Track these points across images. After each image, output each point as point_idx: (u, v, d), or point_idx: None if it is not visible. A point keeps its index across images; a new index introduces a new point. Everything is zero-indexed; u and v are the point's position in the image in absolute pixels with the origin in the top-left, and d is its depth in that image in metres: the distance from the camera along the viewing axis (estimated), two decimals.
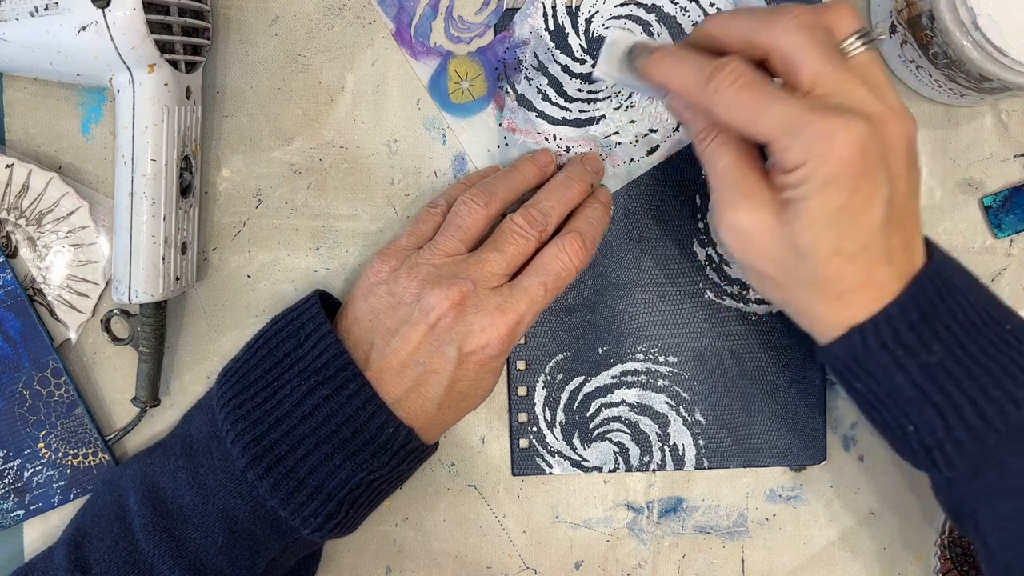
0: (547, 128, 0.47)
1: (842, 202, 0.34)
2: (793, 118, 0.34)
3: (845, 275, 0.36)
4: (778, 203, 0.36)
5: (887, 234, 0.35)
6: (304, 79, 0.48)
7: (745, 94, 0.35)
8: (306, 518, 0.40)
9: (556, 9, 0.46)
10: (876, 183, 0.34)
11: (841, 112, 0.34)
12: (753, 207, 0.37)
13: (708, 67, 0.36)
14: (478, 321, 0.40)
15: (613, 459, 0.49)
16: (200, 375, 0.49)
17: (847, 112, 0.34)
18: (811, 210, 0.35)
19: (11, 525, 0.47)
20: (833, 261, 0.35)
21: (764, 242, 0.37)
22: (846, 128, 0.33)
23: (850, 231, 0.35)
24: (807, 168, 0.34)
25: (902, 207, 0.36)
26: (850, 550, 0.49)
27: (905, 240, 0.36)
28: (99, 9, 0.39)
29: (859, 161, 0.34)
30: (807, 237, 0.35)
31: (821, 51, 0.35)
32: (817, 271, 0.36)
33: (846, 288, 0.36)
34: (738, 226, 0.37)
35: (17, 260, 0.47)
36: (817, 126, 0.34)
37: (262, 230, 0.48)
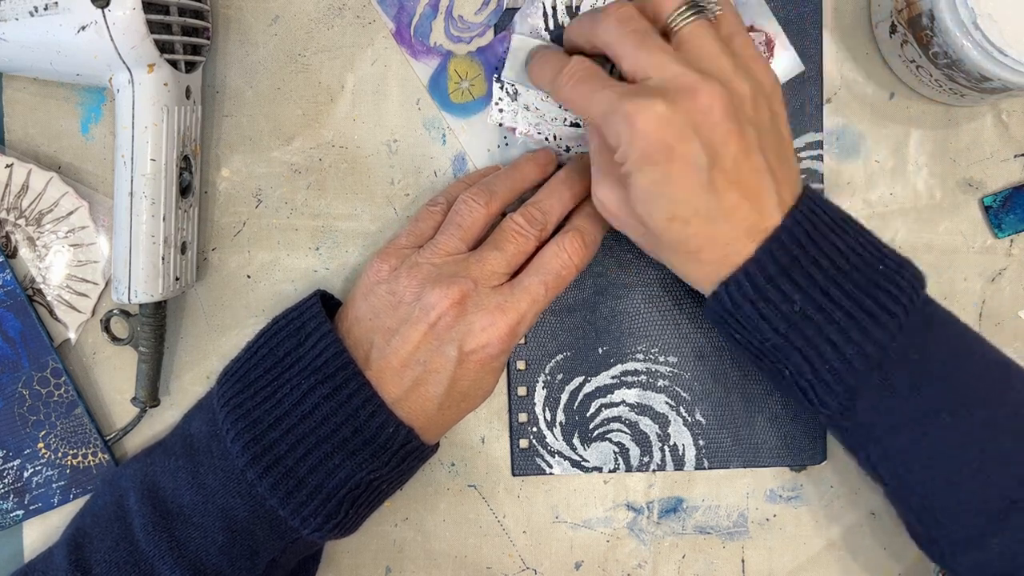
0: (547, 128, 0.47)
1: (657, 175, 0.37)
2: (608, 105, 0.38)
3: (687, 237, 0.38)
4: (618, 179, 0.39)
5: (717, 196, 0.37)
6: (304, 79, 0.48)
7: (579, 86, 0.40)
8: (305, 518, 0.40)
9: (556, 9, 0.46)
10: (688, 152, 0.36)
11: (644, 95, 0.37)
12: (608, 184, 0.40)
13: (557, 67, 0.41)
14: (479, 320, 0.40)
15: (613, 459, 0.49)
16: (200, 375, 0.49)
17: (651, 91, 0.37)
18: (637, 184, 0.38)
19: (11, 525, 0.47)
20: (671, 227, 0.38)
21: (619, 213, 0.40)
22: (643, 109, 0.36)
23: (674, 199, 0.37)
24: (622, 149, 0.37)
25: (734, 167, 0.37)
26: (850, 550, 0.49)
27: (746, 198, 0.38)
28: (99, 9, 0.39)
29: (661, 135, 0.36)
30: (640, 208, 0.38)
31: (634, 39, 0.38)
32: (660, 236, 0.39)
33: (693, 247, 0.39)
34: (600, 200, 0.41)
35: (17, 260, 0.47)
36: (622, 111, 0.37)
37: (262, 230, 0.48)
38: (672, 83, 0.37)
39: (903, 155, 0.48)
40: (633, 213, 0.39)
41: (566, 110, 0.47)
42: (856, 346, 0.38)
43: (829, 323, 0.38)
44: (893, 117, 0.48)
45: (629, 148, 0.37)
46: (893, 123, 0.48)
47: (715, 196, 0.37)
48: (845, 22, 0.48)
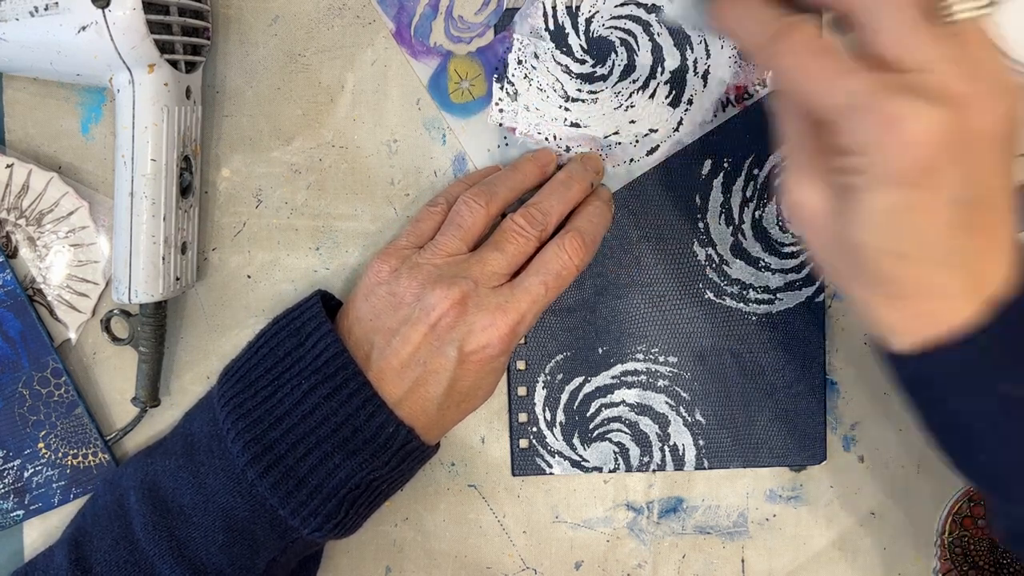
0: (547, 128, 0.47)
1: (901, 200, 0.30)
2: (859, 97, 0.30)
3: (904, 279, 0.32)
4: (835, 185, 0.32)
5: (958, 238, 0.30)
6: (304, 79, 0.48)
7: (810, 64, 0.31)
8: (305, 517, 0.40)
9: (556, 9, 0.46)
10: (946, 180, 0.29)
11: (915, 94, 0.29)
12: (813, 184, 0.33)
13: (775, 25, 0.32)
14: (479, 321, 0.40)
15: (613, 459, 0.49)
16: (200, 375, 0.49)
17: (923, 95, 0.29)
18: (867, 203, 0.31)
19: (11, 525, 0.47)
20: (886, 259, 0.31)
21: (820, 225, 0.33)
22: (916, 115, 0.29)
23: (910, 232, 0.31)
24: (867, 157, 0.30)
25: (987, 208, 0.31)
26: (850, 550, 0.49)
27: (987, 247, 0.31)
28: (99, 9, 0.39)
29: (927, 155, 0.29)
30: (858, 231, 0.31)
31: (907, 18, 0.30)
32: (869, 267, 0.32)
33: (907, 293, 0.32)
34: (796, 199, 0.34)
35: (17, 260, 0.47)
36: (884, 110, 0.29)
37: (262, 230, 0.48)
38: (948, 90, 0.29)
39: None
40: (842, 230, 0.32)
41: (567, 110, 0.47)
42: None
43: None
44: None
45: (879, 158, 0.29)
46: None
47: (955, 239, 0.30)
48: None
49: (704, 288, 0.48)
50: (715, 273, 0.48)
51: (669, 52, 0.46)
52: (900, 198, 0.30)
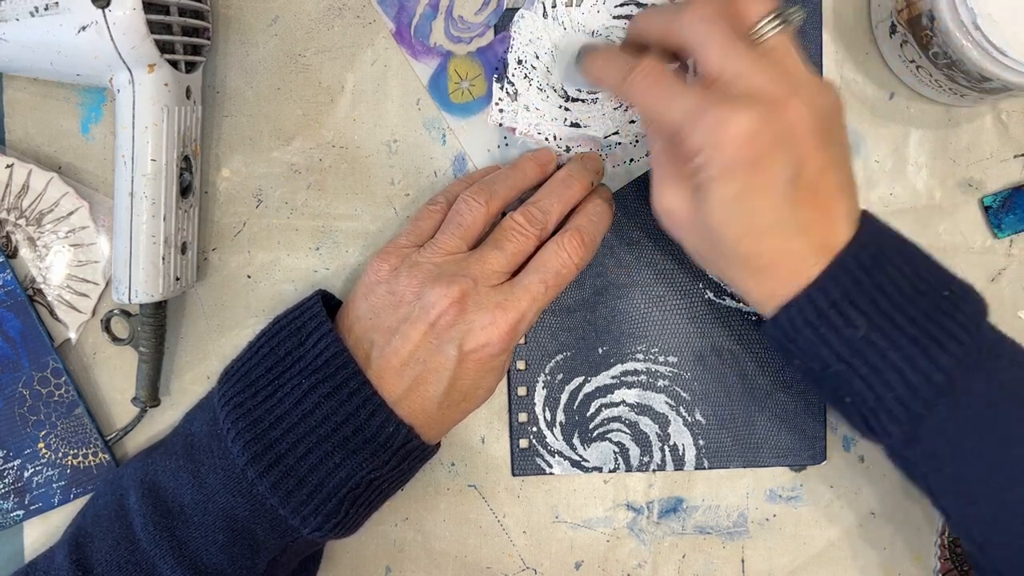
0: (547, 128, 0.47)
1: (740, 185, 0.36)
2: (691, 109, 0.36)
3: (760, 251, 0.37)
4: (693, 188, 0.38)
5: (795, 211, 0.36)
6: (304, 79, 0.48)
7: (653, 89, 0.38)
8: (306, 517, 0.40)
9: (556, 9, 0.46)
10: (775, 164, 0.36)
11: (734, 100, 0.35)
12: (675, 187, 0.39)
13: (627, 65, 0.39)
14: (479, 319, 0.40)
15: (613, 459, 0.49)
16: (200, 375, 0.49)
17: (740, 99, 0.35)
18: (715, 194, 0.37)
19: (11, 525, 0.47)
20: (744, 240, 0.37)
21: (686, 222, 0.39)
22: (734, 115, 0.35)
23: (754, 211, 0.37)
24: (704, 155, 0.36)
25: (813, 183, 0.37)
26: (850, 550, 0.49)
27: (822, 214, 0.37)
28: (99, 9, 0.39)
29: (751, 145, 0.35)
30: (715, 219, 0.37)
31: (721, 41, 0.37)
32: (731, 249, 0.38)
33: (764, 263, 0.38)
34: (663, 207, 0.40)
35: (17, 260, 0.47)
36: (710, 115, 0.35)
37: (262, 230, 0.48)
38: (761, 92, 0.36)
39: (903, 155, 0.48)
40: (703, 223, 0.38)
41: (567, 110, 0.47)
42: (922, 373, 0.36)
43: (894, 349, 0.37)
44: (893, 117, 0.48)
45: (713, 156, 0.36)
46: (893, 123, 0.48)
47: (795, 211, 0.36)
48: (845, 22, 0.48)
49: (704, 288, 0.48)
50: None
51: None
52: (738, 184, 0.36)
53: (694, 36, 0.37)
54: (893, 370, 0.37)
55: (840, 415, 0.41)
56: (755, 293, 0.39)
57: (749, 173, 0.36)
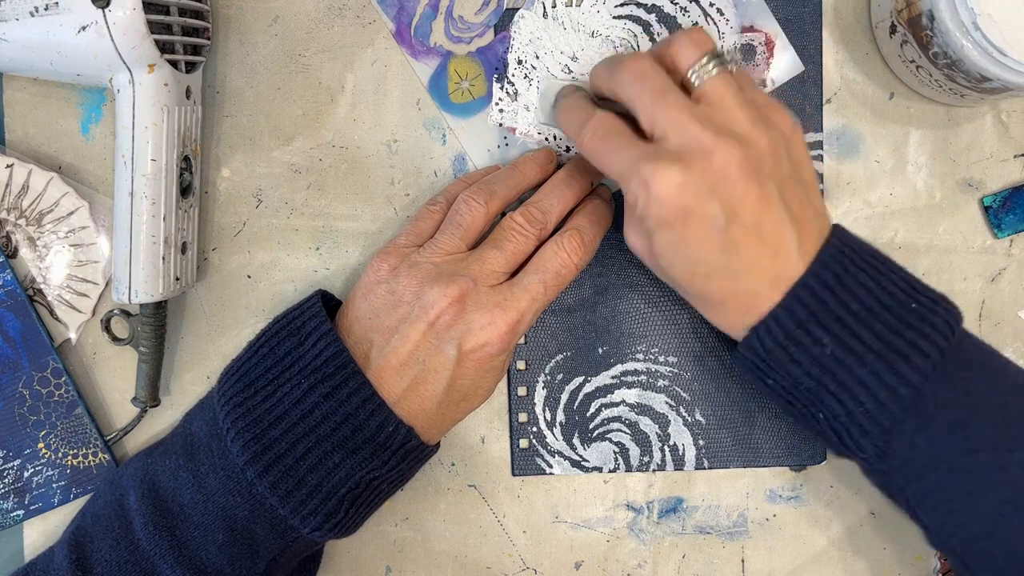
0: (547, 128, 0.47)
1: (675, 236, 0.37)
2: (627, 166, 0.37)
3: (709, 291, 0.39)
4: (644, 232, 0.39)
5: (737, 253, 0.37)
6: (304, 79, 0.48)
7: (600, 144, 0.39)
8: (305, 517, 0.40)
9: (556, 9, 0.46)
10: (704, 214, 0.36)
11: (662, 156, 0.36)
12: (636, 233, 0.40)
13: (583, 118, 0.40)
14: (478, 319, 0.40)
15: (613, 459, 0.49)
16: (200, 375, 0.49)
17: (668, 155, 0.36)
18: (655, 241, 0.38)
19: (11, 525, 0.47)
20: (692, 281, 0.39)
21: (645, 257, 0.40)
22: (658, 173, 0.36)
23: (692, 258, 0.38)
24: (639, 208, 0.37)
25: (755, 223, 0.37)
26: (850, 550, 0.49)
27: (769, 251, 0.38)
28: (99, 9, 0.39)
29: (678, 199, 0.36)
30: (662, 263, 0.39)
31: (652, 96, 0.37)
32: (684, 287, 0.40)
33: (717, 300, 0.39)
34: (629, 244, 0.41)
35: (17, 260, 0.47)
36: (640, 174, 0.37)
37: (262, 230, 0.48)
38: (688, 145, 0.36)
39: (903, 155, 0.48)
40: (655, 264, 0.40)
41: None
42: (888, 389, 0.37)
43: (860, 365, 0.37)
44: (893, 117, 0.48)
45: (646, 211, 0.37)
46: (893, 123, 0.48)
47: (735, 253, 0.37)
48: (845, 22, 0.48)
49: None
50: None
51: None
52: (673, 234, 0.37)
53: (630, 91, 0.38)
54: (861, 385, 0.37)
55: (817, 435, 0.41)
56: (721, 323, 0.41)
57: (682, 224, 0.37)
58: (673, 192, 0.36)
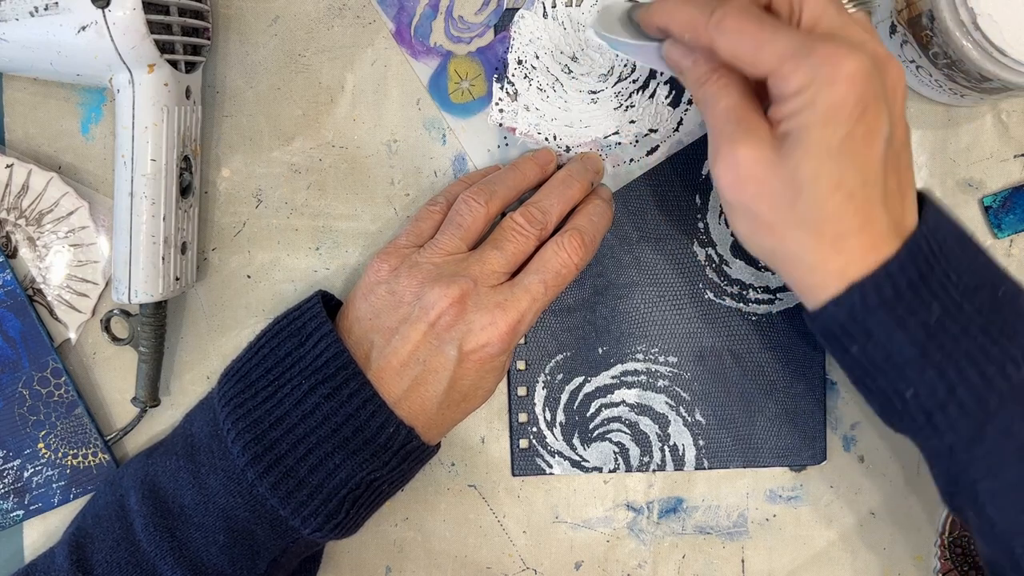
0: (547, 128, 0.47)
1: (844, 132, 0.33)
2: (798, 45, 0.34)
3: (844, 213, 0.34)
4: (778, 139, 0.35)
5: (886, 175, 0.35)
6: (304, 79, 0.48)
7: (749, 25, 0.35)
8: (306, 517, 0.40)
9: (556, 9, 0.46)
10: (879, 117, 0.34)
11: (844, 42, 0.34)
12: (754, 141, 0.35)
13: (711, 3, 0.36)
14: (478, 319, 0.40)
15: (613, 459, 0.49)
16: (200, 375, 0.49)
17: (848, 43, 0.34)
18: (813, 139, 0.34)
19: (11, 525, 0.47)
20: (834, 195, 0.34)
21: (762, 177, 0.35)
22: (852, 54, 0.33)
23: (852, 164, 0.34)
24: (810, 92, 0.33)
25: (899, 152, 0.36)
26: (850, 550, 0.49)
27: (901, 187, 0.36)
28: (99, 9, 0.39)
29: (863, 90, 0.33)
30: (808, 168, 0.34)
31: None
32: (816, 206, 0.34)
33: (844, 229, 0.35)
34: (737, 161, 0.35)
35: (17, 260, 0.47)
36: (823, 50, 0.33)
37: (262, 230, 0.48)
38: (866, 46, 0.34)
39: None
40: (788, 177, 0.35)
41: (567, 110, 0.47)
42: (997, 364, 0.34)
43: (967, 337, 0.34)
44: None
45: (821, 91, 0.33)
46: None
47: (884, 175, 0.34)
48: None
49: (704, 288, 0.48)
50: (715, 273, 0.48)
51: None
52: (843, 130, 0.33)
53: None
54: (968, 359, 0.34)
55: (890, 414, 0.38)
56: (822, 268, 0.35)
57: (856, 119, 0.33)
58: (861, 77, 0.33)
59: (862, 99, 0.33)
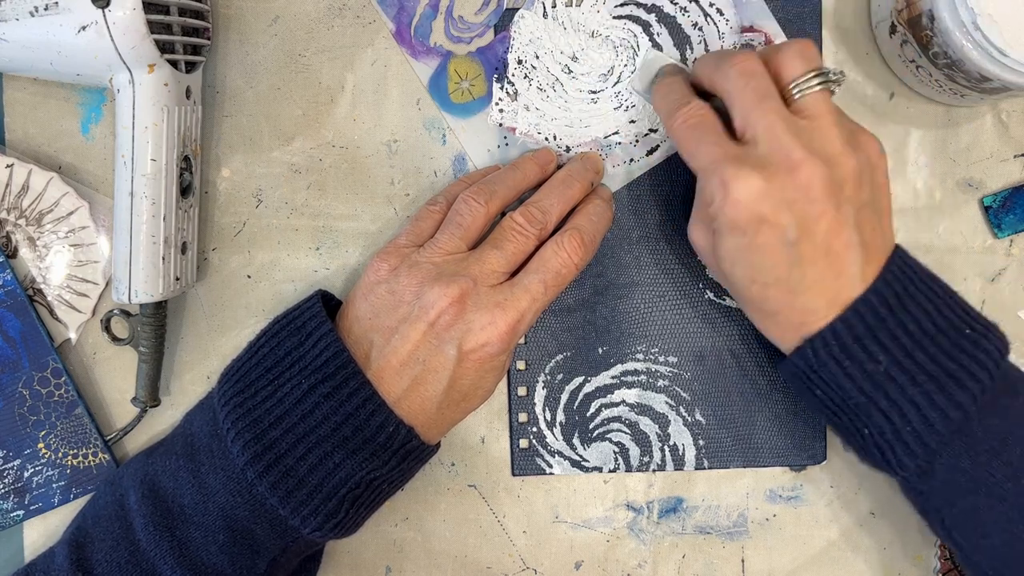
0: (547, 128, 0.47)
1: (744, 241, 0.38)
2: (710, 163, 0.38)
3: (766, 300, 0.39)
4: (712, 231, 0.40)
5: (800, 269, 0.38)
6: (304, 79, 0.48)
7: (689, 133, 0.40)
8: (305, 517, 0.40)
9: (556, 9, 0.46)
10: (778, 227, 0.37)
11: (747, 161, 0.37)
12: (700, 226, 0.41)
13: (676, 104, 0.41)
14: (478, 319, 0.40)
15: (613, 459, 0.49)
16: (200, 375, 0.49)
17: (749, 164, 0.37)
18: (722, 245, 0.39)
19: (11, 525, 0.47)
20: (751, 287, 0.39)
21: (707, 255, 0.41)
22: (741, 179, 0.37)
23: (756, 266, 0.38)
24: (714, 206, 0.38)
25: (824, 243, 0.38)
26: (850, 550, 0.49)
27: (832, 273, 0.38)
28: (99, 9, 0.39)
29: (755, 207, 0.37)
30: (724, 264, 0.40)
31: (753, 98, 0.38)
32: (740, 293, 0.40)
33: (772, 310, 0.40)
34: (691, 238, 0.42)
35: (17, 260, 0.47)
36: (721, 174, 0.37)
37: (262, 230, 0.48)
38: (776, 154, 0.37)
39: (903, 155, 0.48)
40: (715, 263, 0.40)
41: (567, 110, 0.47)
42: (939, 410, 0.37)
43: (913, 385, 0.38)
44: (893, 117, 0.48)
45: (720, 211, 0.38)
46: (893, 123, 0.48)
47: (799, 269, 0.38)
48: (845, 22, 0.48)
49: (704, 288, 0.48)
50: None
51: (669, 53, 0.47)
52: (742, 240, 0.38)
53: (732, 87, 0.39)
54: (911, 404, 0.38)
55: (856, 449, 0.42)
56: (771, 333, 0.41)
57: (753, 232, 0.37)
58: (752, 199, 0.37)
59: (754, 216, 0.37)
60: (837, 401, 0.40)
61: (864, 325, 0.38)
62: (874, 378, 0.38)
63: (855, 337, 0.38)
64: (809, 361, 0.39)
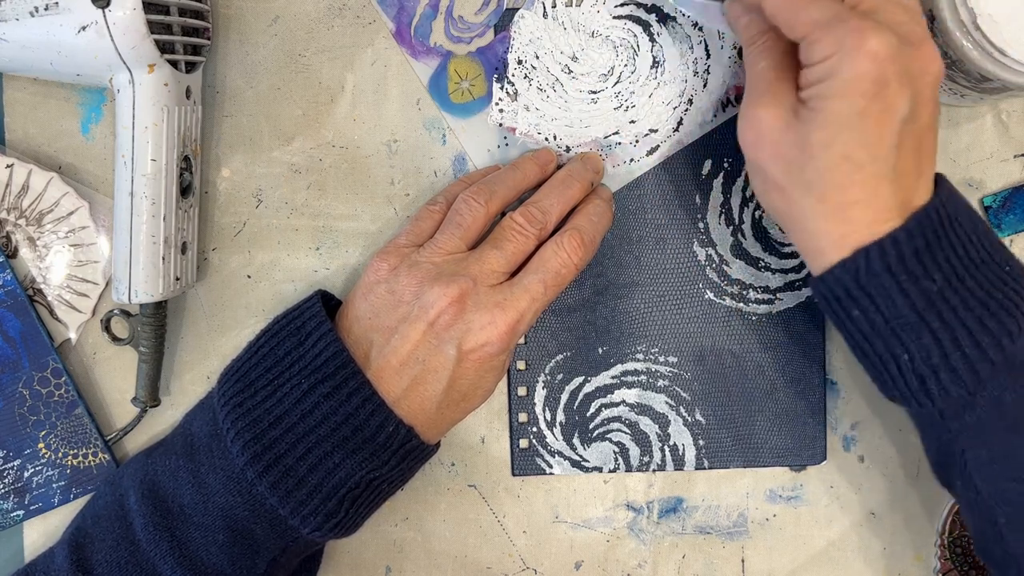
0: (547, 128, 0.47)
1: (861, 106, 0.35)
2: (832, 15, 0.35)
3: (851, 184, 0.36)
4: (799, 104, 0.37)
5: (898, 153, 0.35)
6: (304, 79, 0.48)
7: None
8: (305, 517, 0.40)
9: (556, 9, 0.46)
10: (898, 97, 0.35)
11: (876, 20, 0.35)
12: (775, 103, 0.37)
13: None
14: (478, 319, 0.40)
15: (613, 459, 0.49)
16: (200, 375, 0.49)
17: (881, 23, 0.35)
18: (830, 109, 0.35)
19: (11, 525, 0.47)
20: (841, 166, 0.36)
21: (778, 139, 0.37)
22: (879, 32, 0.34)
23: (863, 138, 0.35)
24: (833, 61, 0.35)
25: (919, 134, 0.36)
26: (850, 550, 0.49)
27: (916, 167, 0.36)
28: (99, 9, 0.39)
29: (884, 67, 0.34)
30: (820, 137, 0.36)
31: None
32: (823, 174, 0.36)
33: (849, 199, 0.36)
34: (756, 119, 0.38)
35: (17, 260, 0.47)
36: (852, 23, 0.34)
37: (262, 230, 0.48)
38: (900, 27, 0.35)
39: None
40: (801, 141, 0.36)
41: (567, 110, 0.47)
42: (992, 336, 0.36)
43: (965, 308, 0.36)
44: None
45: (841, 66, 0.35)
46: None
47: (896, 153, 0.36)
48: None
49: (704, 288, 0.48)
50: (715, 273, 0.48)
51: (669, 52, 0.47)
52: (859, 103, 0.35)
53: None
54: (964, 328, 0.36)
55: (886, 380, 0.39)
56: (826, 234, 0.37)
57: (873, 95, 0.35)
58: (887, 55, 0.34)
59: (882, 76, 0.34)
60: (878, 322, 0.37)
61: (924, 239, 0.36)
62: (929, 296, 0.36)
63: (915, 250, 0.36)
64: (858, 273, 0.36)
